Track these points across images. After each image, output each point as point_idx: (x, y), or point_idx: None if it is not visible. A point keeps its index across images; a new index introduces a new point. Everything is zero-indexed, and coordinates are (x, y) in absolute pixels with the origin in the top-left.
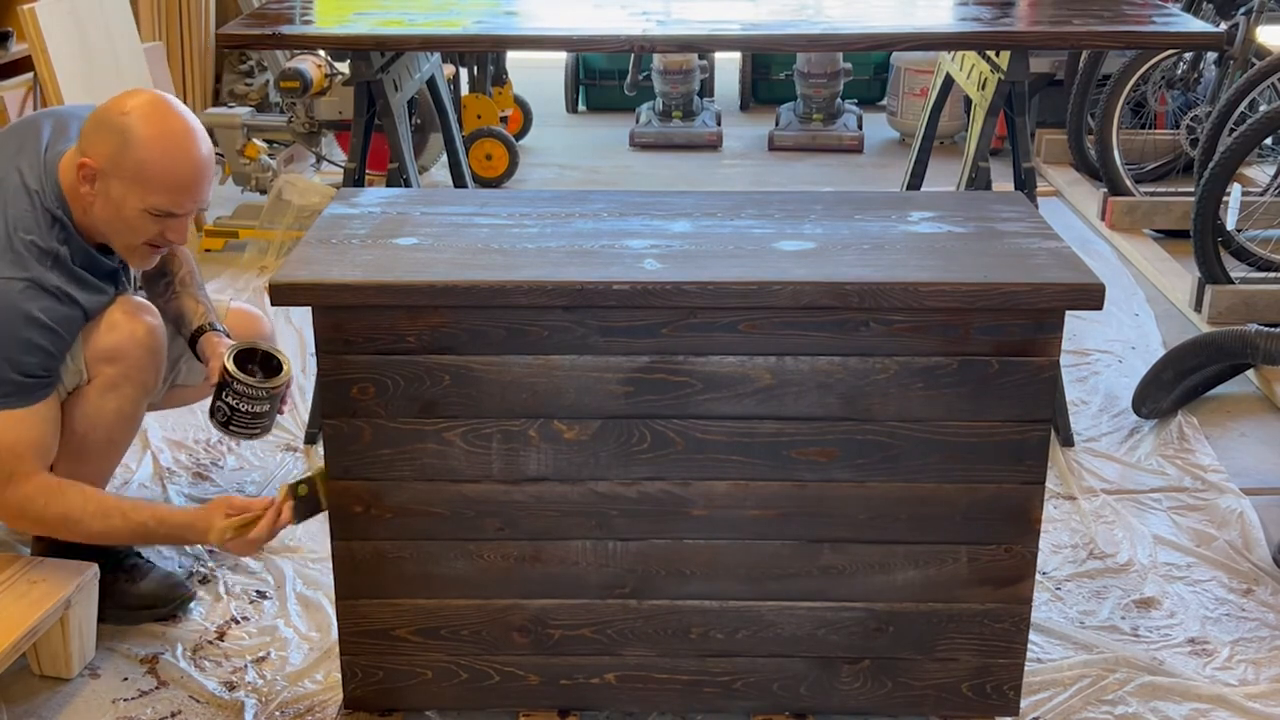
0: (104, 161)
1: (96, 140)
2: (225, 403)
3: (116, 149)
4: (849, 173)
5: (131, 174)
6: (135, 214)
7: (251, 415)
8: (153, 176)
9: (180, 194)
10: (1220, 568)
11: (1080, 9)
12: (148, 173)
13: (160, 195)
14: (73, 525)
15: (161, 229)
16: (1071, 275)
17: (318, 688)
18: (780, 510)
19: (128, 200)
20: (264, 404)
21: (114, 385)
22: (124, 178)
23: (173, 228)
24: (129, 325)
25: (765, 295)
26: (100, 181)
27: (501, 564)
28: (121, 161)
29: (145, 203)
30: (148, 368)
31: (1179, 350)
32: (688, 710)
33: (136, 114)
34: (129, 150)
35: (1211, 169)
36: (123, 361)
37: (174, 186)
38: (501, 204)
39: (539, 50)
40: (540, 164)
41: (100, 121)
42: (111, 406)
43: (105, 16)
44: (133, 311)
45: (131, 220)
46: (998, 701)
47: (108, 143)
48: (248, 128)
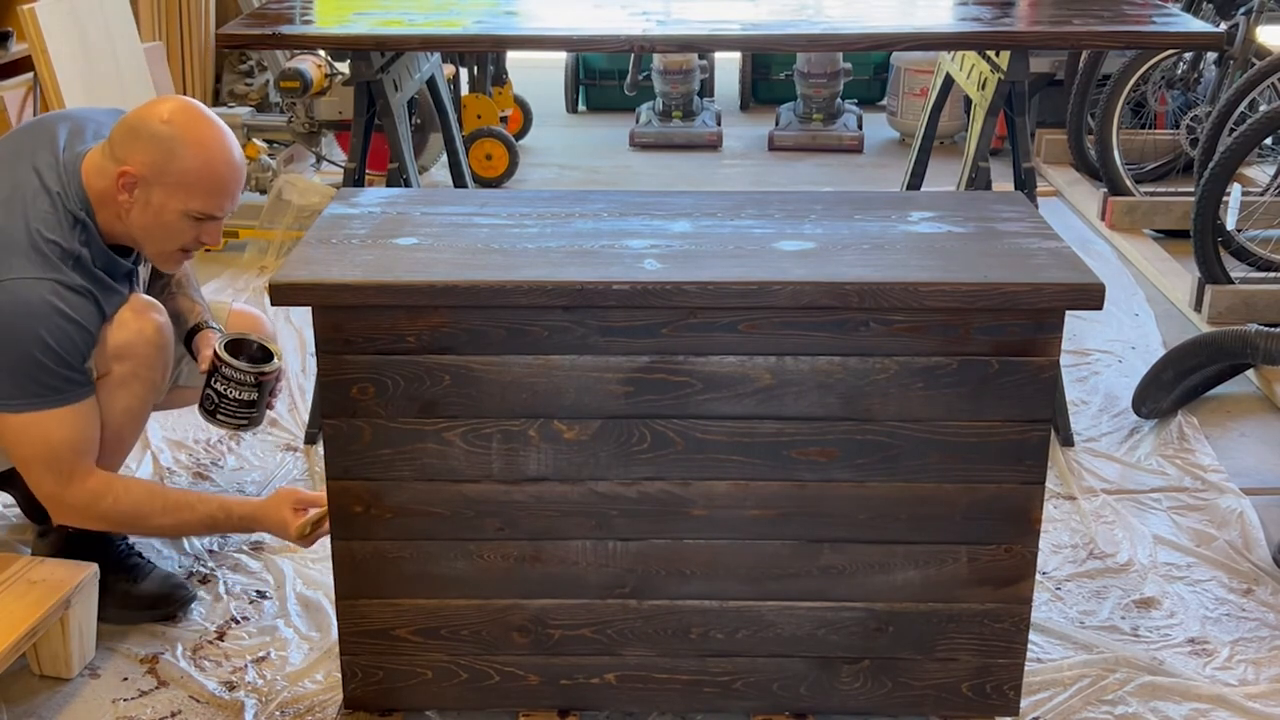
0: (146, 169)
1: (137, 149)
2: (213, 389)
3: (161, 157)
4: (849, 173)
5: (175, 180)
6: (176, 218)
7: (238, 403)
8: (196, 182)
9: (222, 197)
10: (1220, 568)
11: (1080, 9)
12: (191, 179)
13: (203, 200)
14: (142, 521)
15: (198, 233)
16: (1071, 275)
17: (318, 688)
18: (780, 510)
19: (169, 206)
20: (251, 390)
21: (123, 382)
22: (167, 184)
23: (208, 231)
24: (138, 323)
25: (765, 295)
26: (141, 189)
27: (501, 564)
28: (166, 169)
29: (188, 208)
30: (156, 365)
31: (1179, 350)
32: (688, 710)
33: (176, 122)
34: (174, 158)
35: (1211, 169)
36: (131, 359)
37: (216, 190)
38: (501, 204)
39: (539, 50)
40: (540, 164)
41: (137, 129)
42: (120, 404)
43: (105, 16)
44: (141, 309)
45: (171, 225)
46: (998, 701)
47: (151, 150)
48: (248, 128)
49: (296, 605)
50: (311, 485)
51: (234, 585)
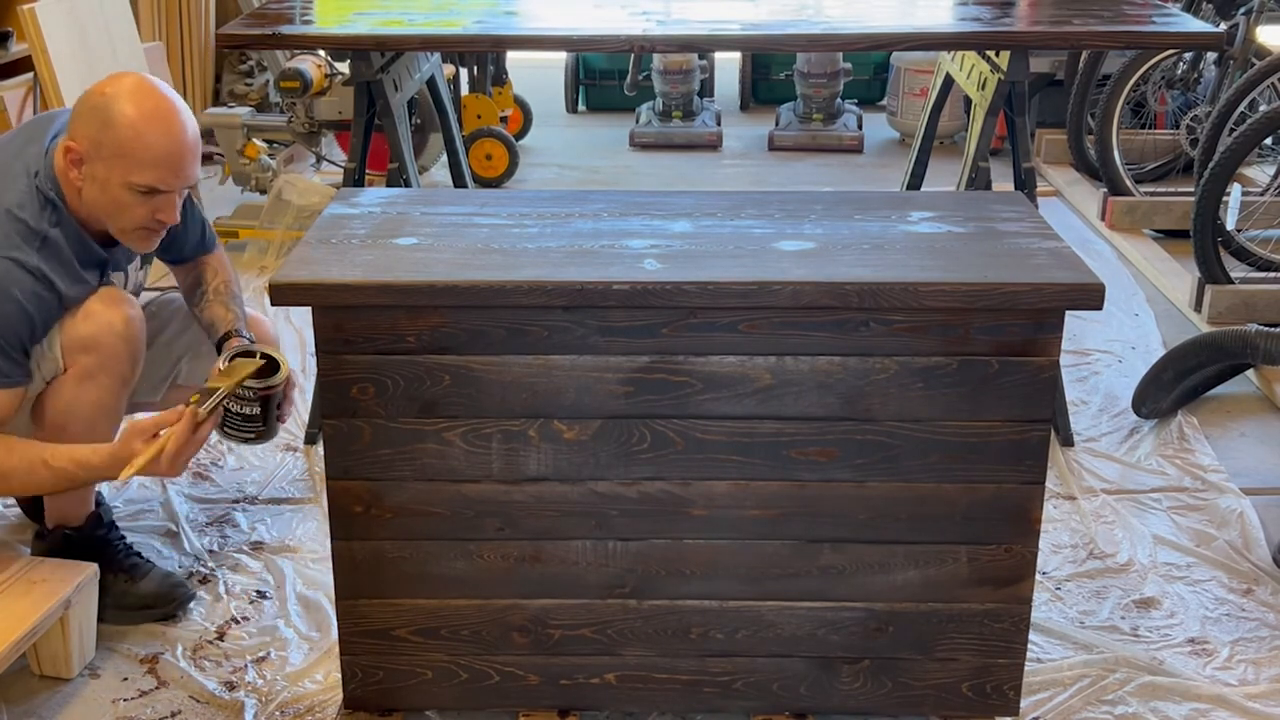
0: (87, 143)
1: (80, 123)
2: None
3: (98, 128)
4: (849, 173)
5: (113, 151)
6: (121, 192)
7: (242, 418)
8: (133, 152)
9: (162, 169)
10: (1220, 568)
11: (1080, 9)
12: (128, 149)
13: (141, 171)
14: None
15: (151, 209)
16: (1071, 275)
17: (318, 688)
18: (780, 510)
19: (112, 179)
20: (253, 405)
21: (90, 375)
22: (106, 157)
23: (161, 206)
24: (106, 315)
25: (765, 295)
26: (87, 164)
27: (501, 564)
28: (103, 140)
29: (128, 180)
30: (124, 358)
31: (1179, 350)
32: (688, 710)
33: (117, 94)
34: (110, 128)
35: (1211, 169)
36: (98, 351)
37: (155, 162)
38: (501, 204)
39: (539, 50)
40: (540, 164)
41: (82, 104)
42: (89, 397)
43: (105, 16)
44: (110, 301)
45: (119, 199)
46: (998, 701)
47: (90, 124)
48: (248, 128)
49: (296, 605)
50: (311, 485)
51: (234, 585)
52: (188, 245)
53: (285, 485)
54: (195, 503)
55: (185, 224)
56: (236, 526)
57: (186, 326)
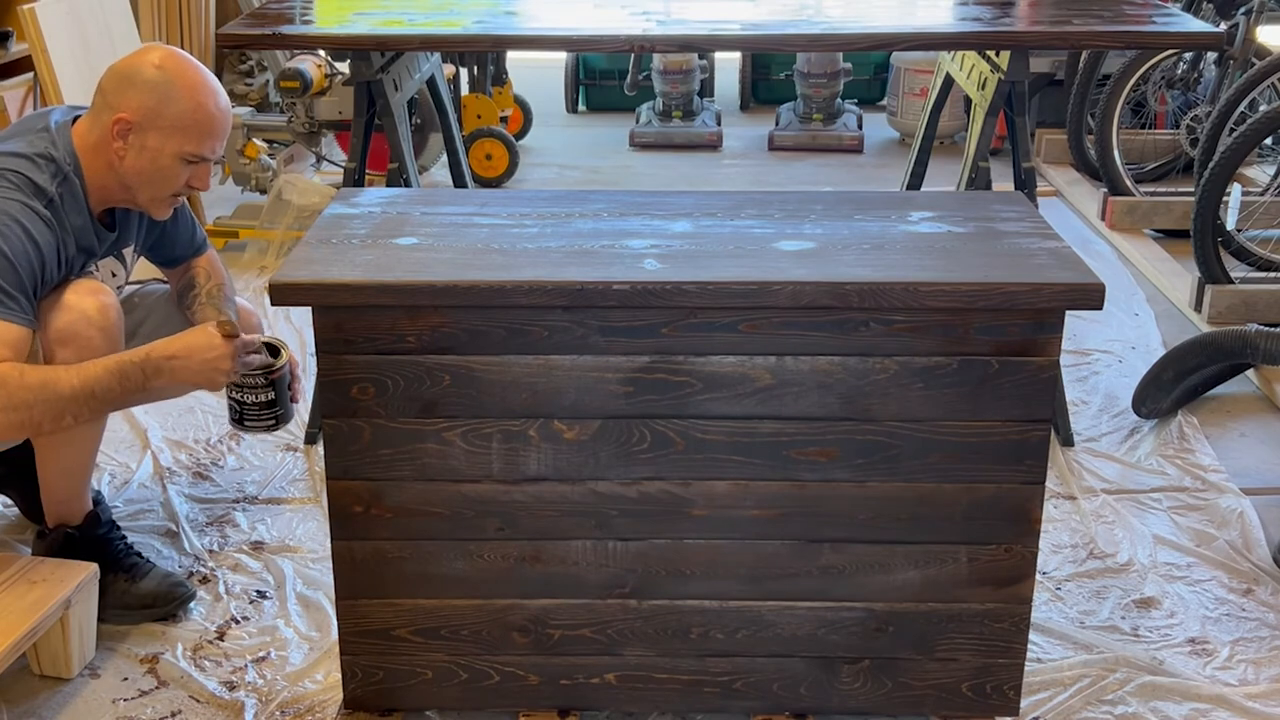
0: (141, 114)
1: (131, 95)
2: (233, 399)
3: (156, 101)
4: (849, 173)
5: (171, 123)
6: (171, 161)
7: (260, 405)
8: (192, 125)
9: (214, 139)
10: (1220, 568)
11: (1080, 9)
12: (187, 121)
13: (196, 141)
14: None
15: (190, 176)
16: (1071, 275)
17: (318, 688)
18: (780, 510)
19: (165, 149)
20: (267, 391)
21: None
22: (162, 127)
23: (198, 174)
24: (80, 305)
25: (765, 295)
26: (135, 135)
27: (501, 564)
28: (162, 111)
29: (182, 150)
30: (100, 348)
31: (1179, 350)
32: (688, 710)
33: (169, 67)
34: (169, 102)
35: (1211, 169)
36: (75, 343)
37: (209, 132)
38: (501, 204)
39: (539, 50)
40: (540, 164)
41: (129, 77)
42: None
43: (105, 16)
44: (84, 291)
45: (166, 169)
46: (998, 701)
47: (145, 95)
48: (248, 128)
49: (296, 605)
50: (311, 485)
51: (234, 585)
52: (179, 246)
53: (285, 485)
54: (195, 503)
55: (178, 224)
56: (236, 526)
57: (168, 318)
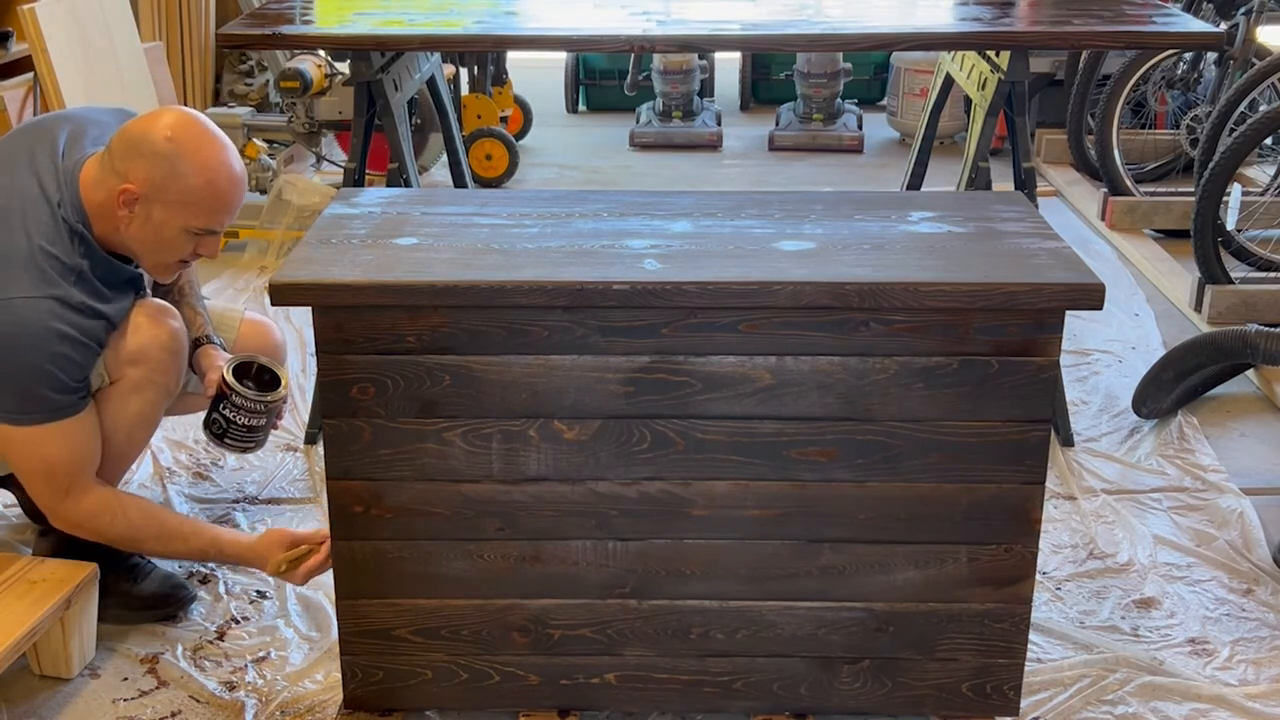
0: (148, 187)
1: (137, 165)
2: (221, 415)
3: (163, 175)
4: (849, 173)
5: (177, 199)
6: (176, 234)
7: (247, 429)
8: (199, 201)
9: (223, 213)
10: (1220, 568)
11: (1080, 9)
12: (194, 198)
13: (204, 217)
14: (136, 544)
15: (196, 245)
16: (1071, 275)
17: (318, 688)
18: (780, 510)
19: (170, 222)
20: (261, 418)
21: (137, 387)
22: (169, 202)
23: (206, 244)
24: (152, 329)
25: (765, 295)
26: (141, 205)
27: (501, 564)
28: (168, 186)
29: (188, 224)
30: (170, 370)
31: (1179, 350)
32: (688, 710)
33: (180, 139)
34: (176, 177)
35: (1211, 169)
36: (145, 364)
37: (218, 208)
38: (501, 204)
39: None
40: (540, 164)
41: (138, 146)
42: (134, 409)
43: (105, 16)
44: (155, 315)
45: (170, 241)
46: (998, 701)
47: (151, 168)
48: (248, 128)
49: (296, 605)
50: (311, 485)
51: (234, 585)
52: None
53: (285, 485)
54: (195, 503)
55: None
56: (236, 526)
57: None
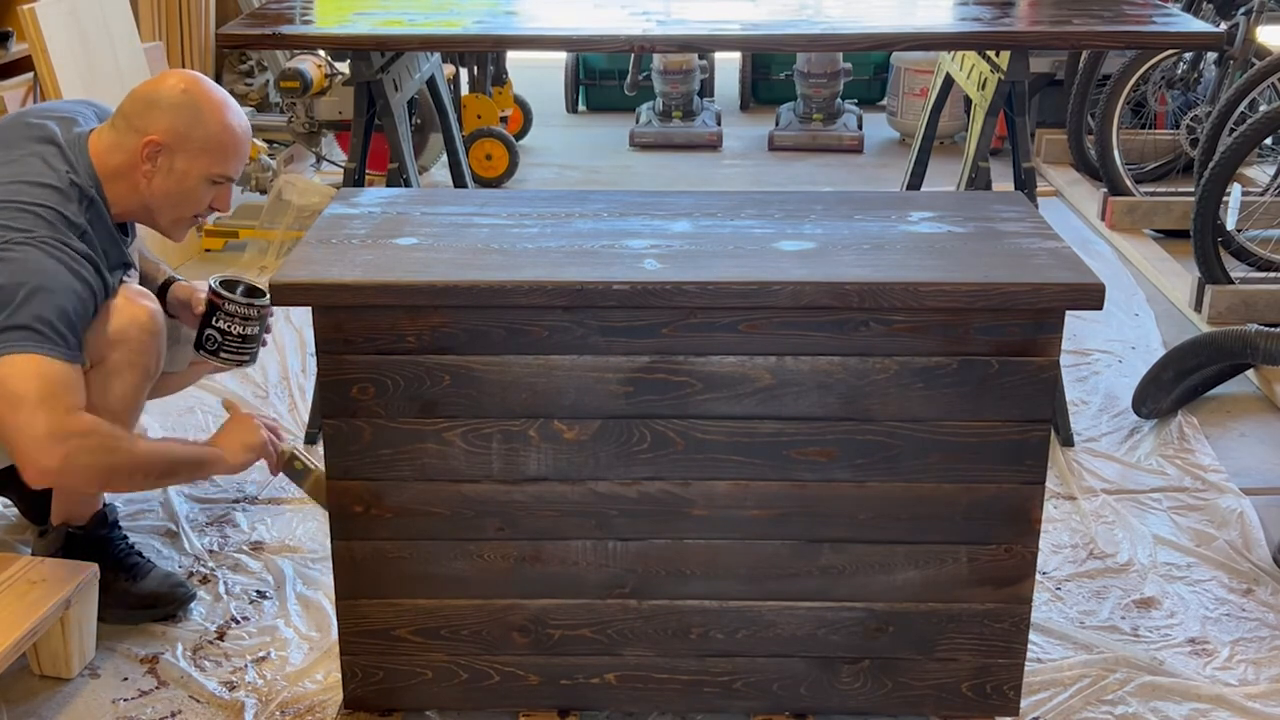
0: (171, 136)
1: (160, 117)
2: (215, 329)
3: (187, 124)
4: (849, 173)
5: (200, 144)
6: (196, 183)
7: (241, 338)
8: (218, 145)
9: (240, 159)
10: (1220, 568)
11: (1080, 9)
12: (214, 142)
13: (223, 162)
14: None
15: (211, 198)
16: (1071, 275)
17: (318, 688)
18: (780, 510)
19: (192, 171)
20: (254, 325)
21: (118, 370)
22: (191, 150)
23: (220, 196)
24: (131, 310)
25: (765, 295)
26: (164, 156)
27: (501, 564)
28: (191, 135)
29: (210, 171)
30: (150, 351)
31: (1179, 350)
32: (688, 710)
33: (194, 91)
34: (199, 124)
35: (1211, 169)
36: (125, 345)
37: (236, 152)
38: (501, 204)
39: (539, 50)
40: (540, 164)
41: (155, 101)
42: (116, 391)
43: (105, 16)
44: (134, 297)
45: (191, 190)
46: (998, 701)
47: (175, 118)
48: None
49: (296, 605)
50: None
51: (234, 585)
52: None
53: (285, 485)
54: (195, 503)
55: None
56: (236, 526)
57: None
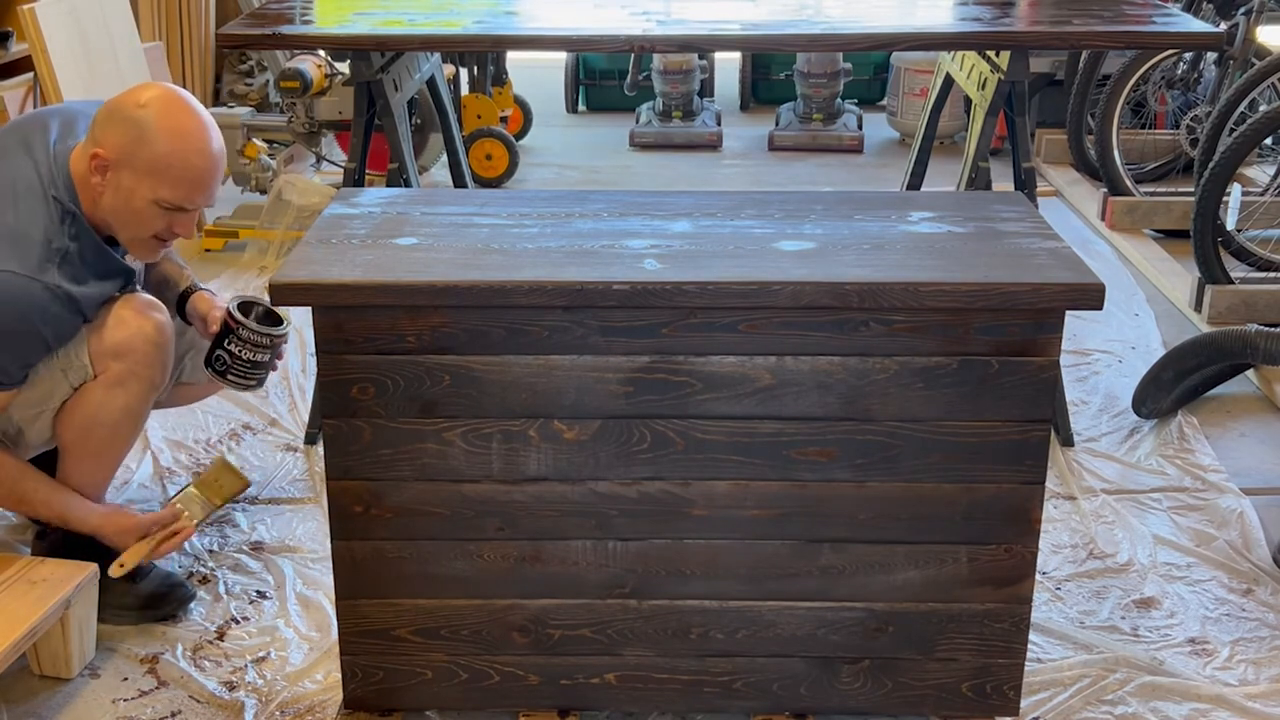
0: (117, 152)
1: (110, 131)
2: (226, 350)
3: (131, 141)
4: (849, 173)
5: (144, 166)
6: (144, 205)
7: (250, 364)
8: (164, 169)
9: (191, 189)
10: (1220, 568)
11: (1080, 9)
12: (160, 165)
13: (171, 189)
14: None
15: (169, 223)
16: (1071, 275)
17: (318, 688)
18: (780, 510)
19: (138, 192)
20: (265, 353)
21: (121, 381)
22: (136, 169)
23: (180, 222)
24: (137, 322)
25: (765, 295)
26: (112, 172)
27: (501, 564)
28: (135, 153)
29: (155, 195)
30: (155, 364)
31: (1179, 350)
32: (688, 710)
33: (152, 107)
34: (143, 143)
35: (1211, 169)
36: (130, 357)
37: (185, 181)
38: (501, 204)
39: (539, 50)
40: (540, 164)
41: (114, 113)
42: (119, 403)
43: (105, 16)
44: (141, 309)
45: (140, 212)
46: (998, 701)
47: (122, 134)
48: (248, 128)
49: (296, 605)
50: (311, 485)
51: (234, 585)
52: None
53: (285, 485)
54: None
55: None
56: (236, 526)
57: (186, 324)
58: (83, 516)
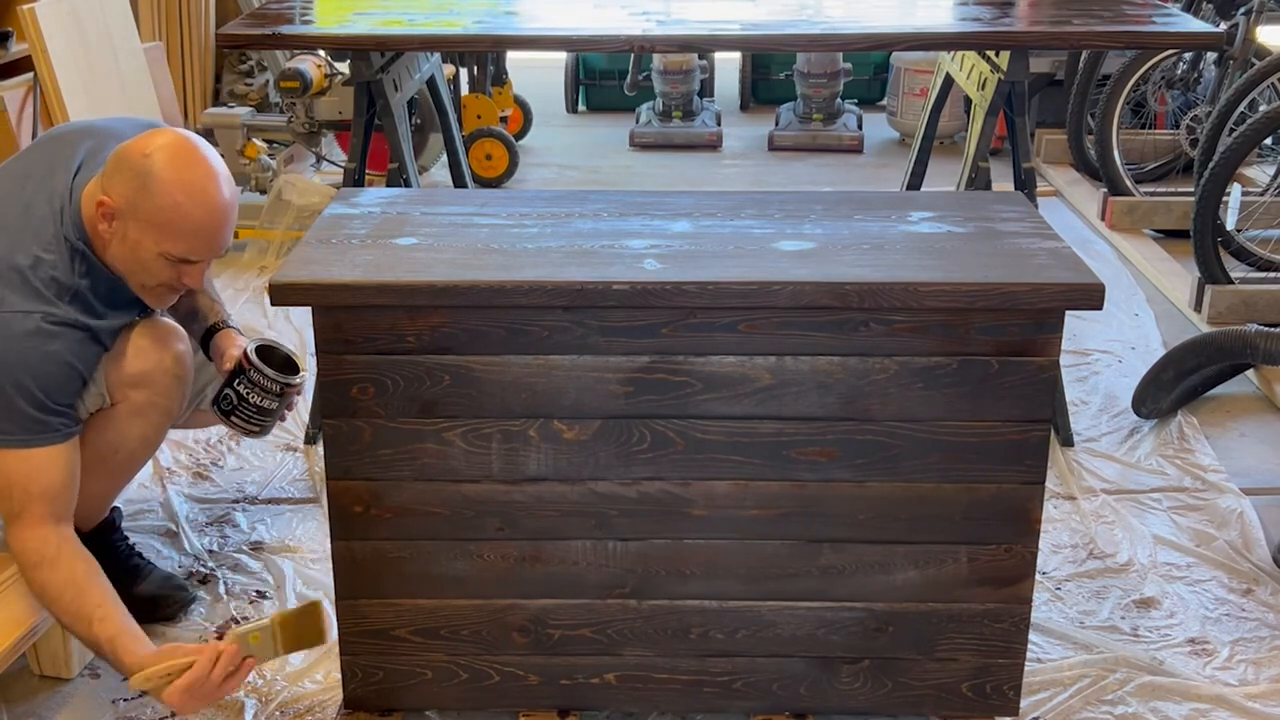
0: (122, 202)
1: (117, 179)
2: (234, 390)
3: (135, 191)
4: (849, 173)
5: (148, 218)
6: (151, 257)
7: (257, 410)
8: (169, 223)
9: (197, 241)
10: (1220, 568)
11: (1080, 9)
12: (164, 219)
13: (176, 242)
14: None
15: (178, 274)
16: (1071, 275)
17: (318, 688)
18: (780, 510)
19: (143, 243)
20: (273, 400)
21: (140, 411)
22: (140, 220)
23: (188, 273)
24: (157, 353)
25: (765, 295)
26: (118, 221)
27: (501, 564)
28: (139, 204)
29: (160, 248)
30: (174, 394)
31: (1179, 350)
32: (688, 710)
33: (158, 157)
34: (147, 194)
35: (1211, 169)
36: (149, 388)
37: (190, 234)
38: (501, 204)
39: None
40: (540, 164)
41: (123, 160)
42: (136, 431)
43: (105, 16)
44: (161, 338)
45: (147, 263)
46: (998, 701)
47: (127, 183)
48: (248, 128)
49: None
50: (311, 485)
51: (234, 585)
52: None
53: (285, 485)
54: (195, 503)
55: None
56: (236, 526)
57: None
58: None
